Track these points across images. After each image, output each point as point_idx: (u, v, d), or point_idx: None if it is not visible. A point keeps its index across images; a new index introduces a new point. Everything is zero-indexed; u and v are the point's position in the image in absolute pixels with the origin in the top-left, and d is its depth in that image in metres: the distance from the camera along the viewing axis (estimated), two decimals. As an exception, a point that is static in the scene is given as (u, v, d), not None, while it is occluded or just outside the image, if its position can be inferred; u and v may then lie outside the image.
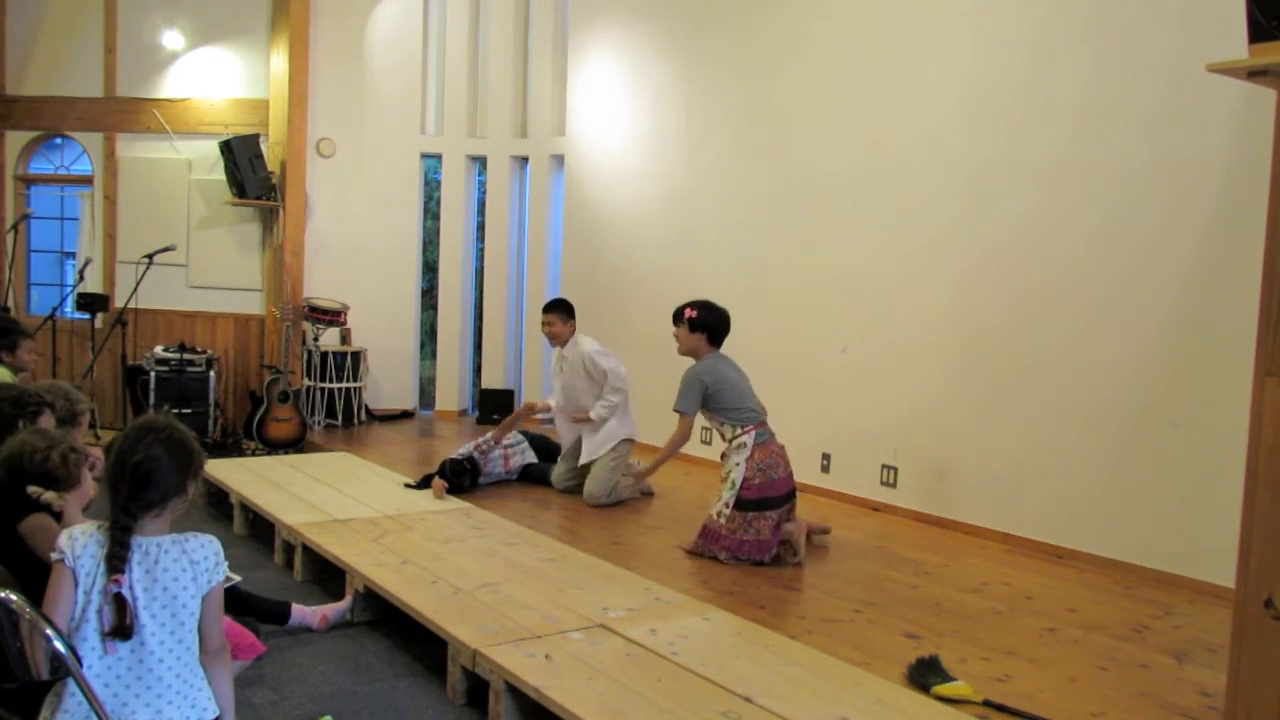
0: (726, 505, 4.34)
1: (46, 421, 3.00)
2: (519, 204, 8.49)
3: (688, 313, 4.70)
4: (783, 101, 6.17)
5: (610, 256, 7.55)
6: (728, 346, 4.75)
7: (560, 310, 5.65)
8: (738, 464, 4.38)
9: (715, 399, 4.52)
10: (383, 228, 8.29)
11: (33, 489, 2.56)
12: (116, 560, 1.95)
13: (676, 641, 3.21)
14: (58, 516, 2.56)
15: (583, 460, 5.48)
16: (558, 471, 5.68)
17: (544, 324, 5.65)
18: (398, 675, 3.37)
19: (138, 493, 1.98)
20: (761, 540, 4.30)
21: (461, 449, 5.65)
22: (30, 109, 8.15)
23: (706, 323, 4.67)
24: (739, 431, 4.44)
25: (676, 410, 4.58)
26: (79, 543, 1.97)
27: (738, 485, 4.34)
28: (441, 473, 5.43)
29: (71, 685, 1.91)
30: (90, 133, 8.08)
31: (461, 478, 5.45)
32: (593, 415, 5.44)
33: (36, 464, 2.58)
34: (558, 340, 5.64)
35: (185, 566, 2.01)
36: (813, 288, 5.96)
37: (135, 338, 7.47)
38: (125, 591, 1.94)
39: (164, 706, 1.97)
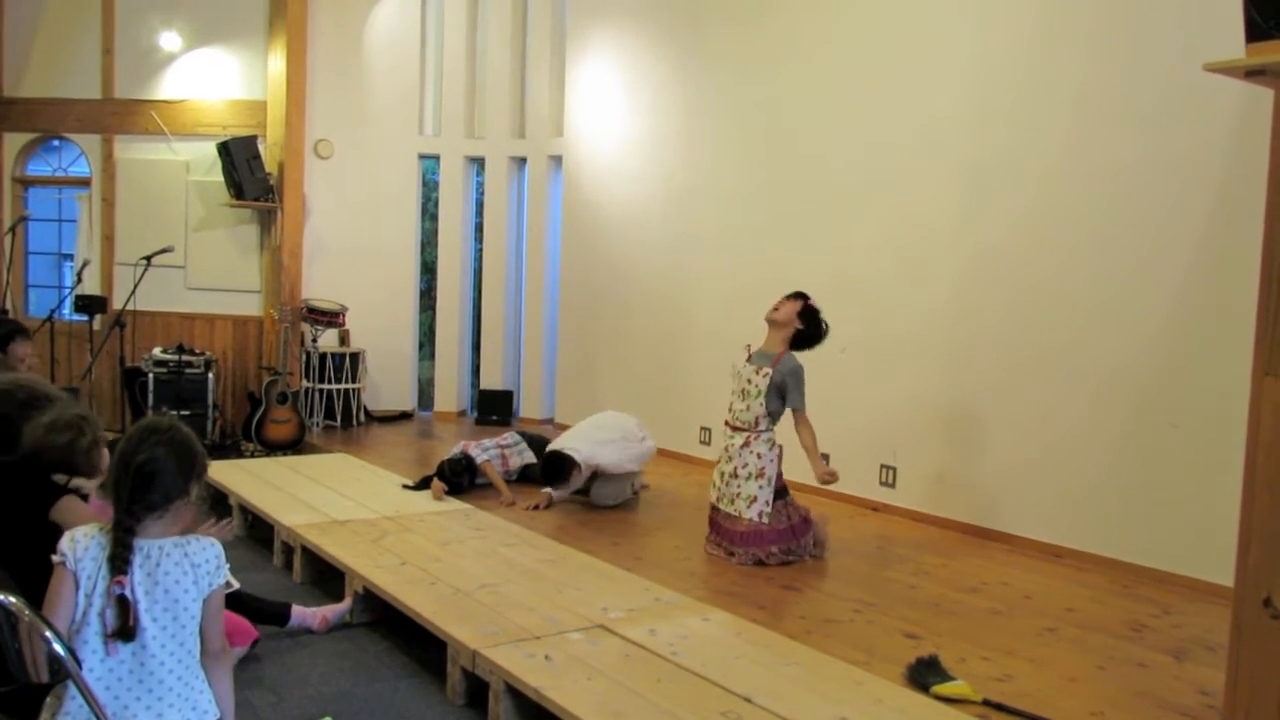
0: (767, 504, 4.34)
1: None
2: (517, 205, 8.48)
3: (809, 301, 4.53)
4: (781, 101, 6.17)
5: (609, 257, 7.54)
6: (728, 347, 4.73)
7: (561, 477, 5.17)
8: (771, 460, 4.38)
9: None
10: (381, 229, 8.28)
11: (59, 476, 2.56)
12: (119, 562, 1.95)
13: (676, 642, 3.21)
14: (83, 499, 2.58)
15: (607, 472, 5.40)
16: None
17: (555, 489, 5.25)
18: (397, 676, 3.37)
19: (140, 494, 1.98)
20: (794, 525, 4.36)
21: (454, 449, 5.64)
22: (28, 111, 8.14)
23: (810, 325, 4.48)
24: (770, 426, 4.44)
25: (802, 408, 4.41)
26: (80, 545, 1.97)
27: (774, 481, 4.37)
28: (440, 474, 5.43)
29: (72, 688, 1.91)
30: (88, 134, 8.07)
31: (460, 476, 5.45)
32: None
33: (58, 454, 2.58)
34: (575, 487, 5.24)
35: (186, 570, 2.01)
36: (811, 287, 5.91)
37: (134, 339, 7.45)
38: (128, 593, 1.94)
39: (165, 710, 1.97)
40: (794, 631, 3.44)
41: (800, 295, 4.56)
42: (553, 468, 5.19)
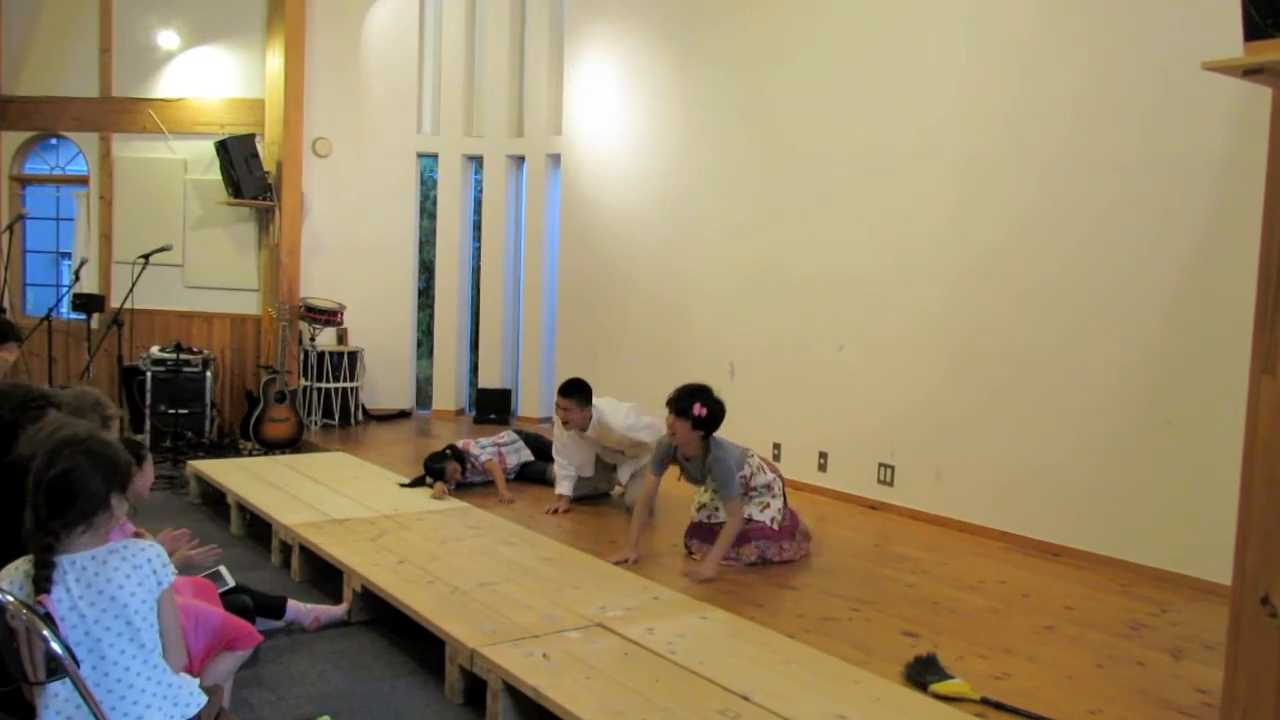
0: (779, 511, 4.34)
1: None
2: (516, 203, 8.48)
3: (696, 409, 4.08)
4: (779, 100, 6.17)
5: (607, 255, 7.54)
6: (727, 346, 4.69)
7: (579, 395, 5.05)
8: (775, 494, 4.39)
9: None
10: (379, 227, 8.28)
11: None
12: (41, 581, 1.88)
13: (674, 640, 3.21)
14: None
15: (625, 479, 5.38)
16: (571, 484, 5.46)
17: (561, 409, 5.07)
18: (395, 675, 3.37)
19: (58, 509, 1.91)
20: (793, 519, 4.39)
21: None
22: (25, 109, 8.13)
23: (710, 421, 4.15)
24: (763, 477, 4.39)
25: (731, 495, 4.15)
26: (6, 580, 1.92)
27: (781, 492, 4.41)
28: (431, 473, 5.43)
29: (55, 688, 1.90)
30: (86, 133, 8.07)
31: (442, 462, 5.45)
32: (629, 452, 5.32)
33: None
34: (574, 426, 5.10)
35: (128, 572, 1.95)
36: (809, 286, 5.96)
37: (131, 338, 7.45)
38: (52, 609, 1.88)
39: (144, 712, 1.95)
40: (792, 630, 3.44)
41: (680, 408, 4.13)
42: (576, 384, 5.08)
